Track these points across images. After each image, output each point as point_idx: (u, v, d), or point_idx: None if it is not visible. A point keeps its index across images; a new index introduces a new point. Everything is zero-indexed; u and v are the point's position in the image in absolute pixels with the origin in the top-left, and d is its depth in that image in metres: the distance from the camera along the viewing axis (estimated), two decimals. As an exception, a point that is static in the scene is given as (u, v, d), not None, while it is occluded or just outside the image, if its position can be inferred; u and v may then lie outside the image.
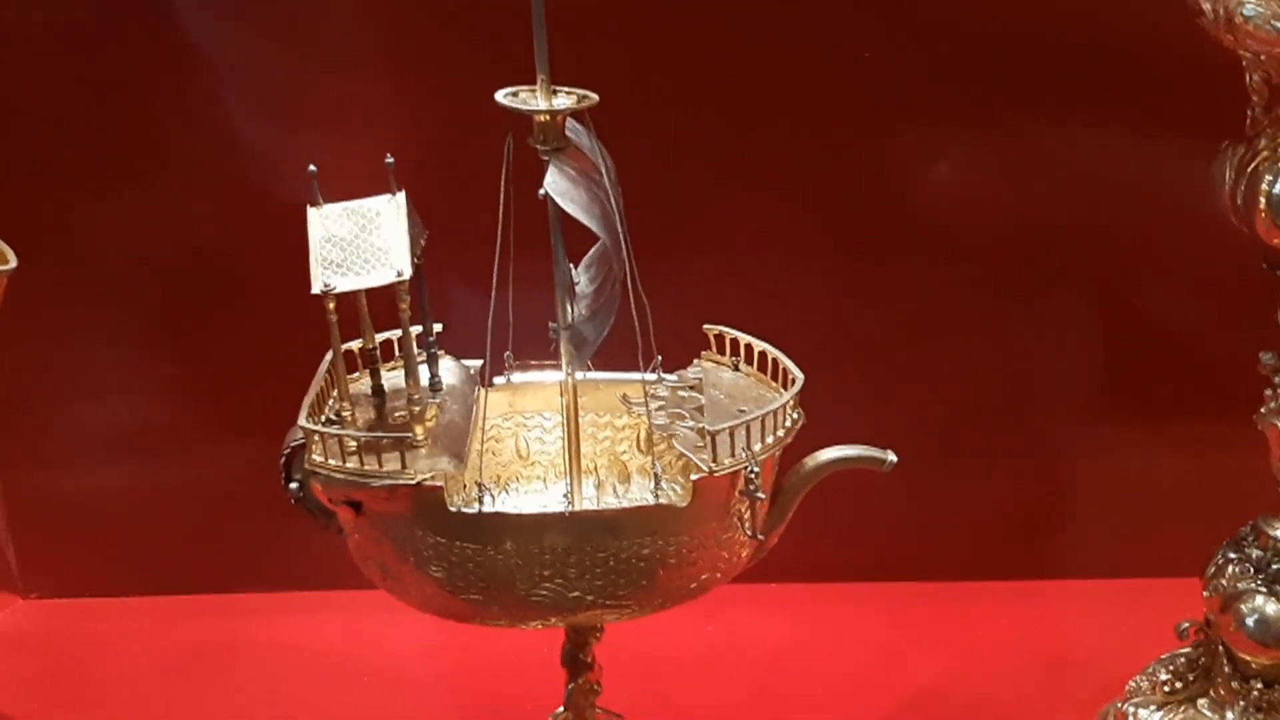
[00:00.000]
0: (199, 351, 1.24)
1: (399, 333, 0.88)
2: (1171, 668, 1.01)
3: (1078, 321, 1.24)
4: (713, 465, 0.81)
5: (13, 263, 0.88)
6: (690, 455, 0.83)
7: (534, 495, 0.95)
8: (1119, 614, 1.22)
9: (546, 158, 0.79)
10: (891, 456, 0.88)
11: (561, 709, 0.95)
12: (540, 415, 0.96)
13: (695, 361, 0.95)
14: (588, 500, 0.93)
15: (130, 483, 1.26)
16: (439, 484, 0.80)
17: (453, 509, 0.80)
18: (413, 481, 0.80)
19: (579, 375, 0.89)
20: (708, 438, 0.81)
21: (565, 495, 0.84)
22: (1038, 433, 1.27)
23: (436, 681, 1.11)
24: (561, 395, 0.88)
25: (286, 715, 1.12)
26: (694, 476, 0.81)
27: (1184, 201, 1.09)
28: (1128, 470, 1.26)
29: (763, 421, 0.83)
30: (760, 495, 0.82)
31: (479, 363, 0.95)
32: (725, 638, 1.20)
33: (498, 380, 0.95)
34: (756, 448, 0.83)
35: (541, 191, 0.76)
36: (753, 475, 0.82)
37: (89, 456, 1.26)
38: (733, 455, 0.82)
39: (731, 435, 0.82)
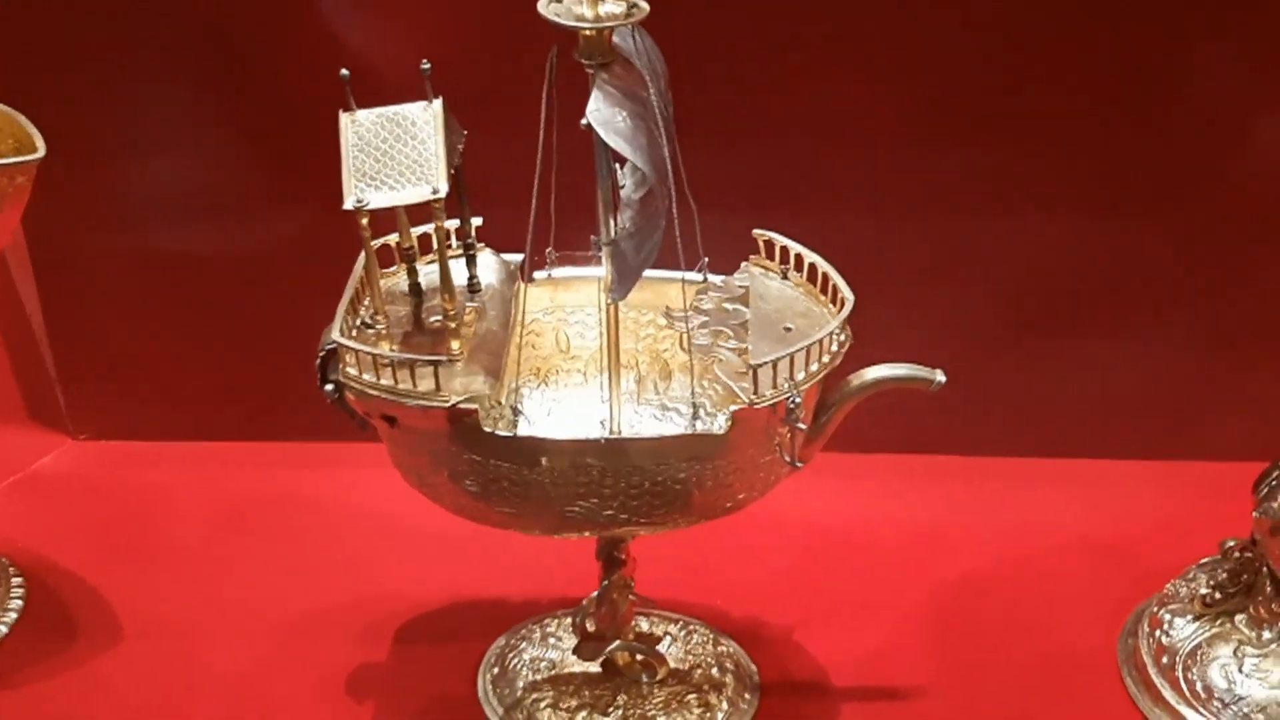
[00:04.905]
0: (260, 188, 1.20)
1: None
2: (1212, 581, 1.00)
3: (1157, 213, 1.18)
4: (753, 397, 0.79)
5: (41, 151, 0.85)
6: (731, 385, 0.81)
7: (573, 389, 0.94)
8: (1169, 498, 1.21)
9: (591, 70, 0.75)
10: (940, 376, 0.85)
11: (596, 594, 0.96)
12: (581, 310, 0.94)
13: (743, 265, 0.92)
14: (627, 395, 0.91)
15: (184, 326, 1.24)
16: (473, 407, 0.79)
17: (488, 430, 0.79)
18: (447, 405, 0.78)
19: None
20: (749, 369, 0.79)
21: (603, 422, 0.82)
22: (1095, 309, 1.23)
23: (481, 550, 1.09)
24: (601, 315, 0.84)
25: (328, 571, 1.13)
26: (734, 408, 0.79)
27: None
28: (1189, 357, 1.22)
29: (808, 350, 0.80)
30: (802, 425, 0.80)
31: (519, 257, 0.92)
32: (764, 509, 1.19)
33: (538, 275, 0.92)
34: (800, 376, 0.80)
35: (584, 122, 0.72)
36: (794, 405, 0.80)
37: (140, 296, 1.23)
38: (775, 384, 0.80)
39: (774, 365, 0.79)
